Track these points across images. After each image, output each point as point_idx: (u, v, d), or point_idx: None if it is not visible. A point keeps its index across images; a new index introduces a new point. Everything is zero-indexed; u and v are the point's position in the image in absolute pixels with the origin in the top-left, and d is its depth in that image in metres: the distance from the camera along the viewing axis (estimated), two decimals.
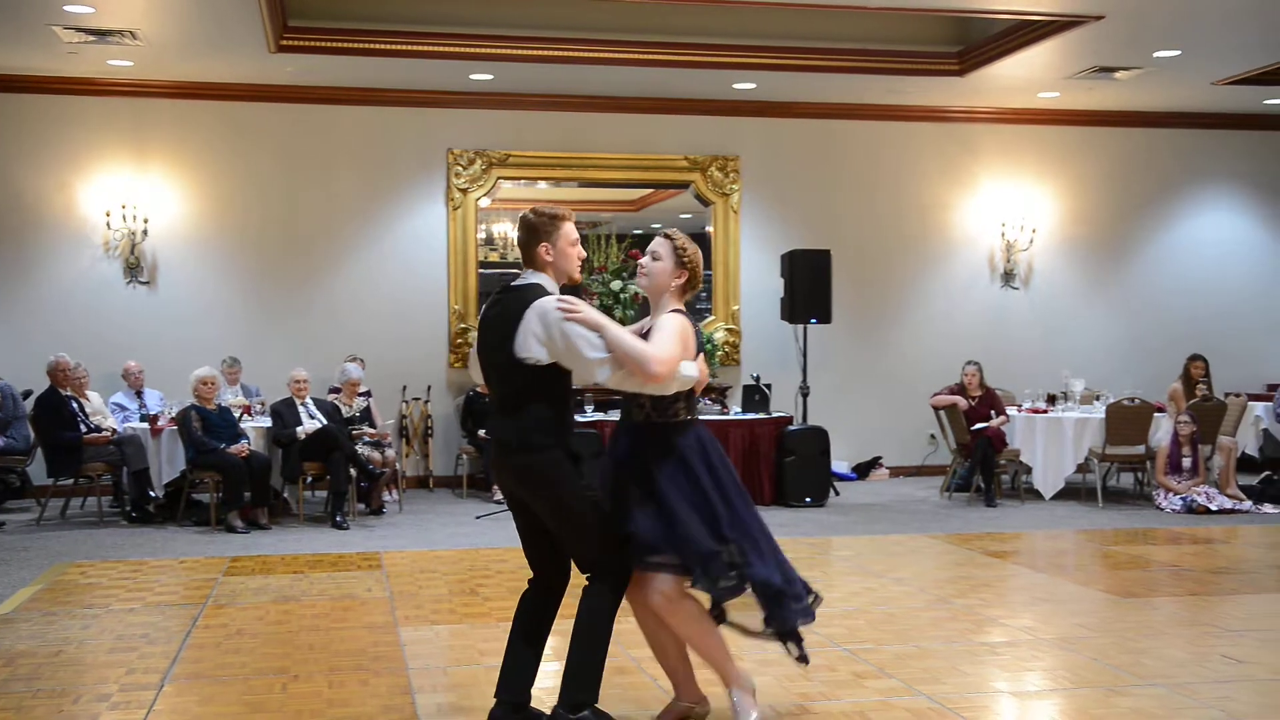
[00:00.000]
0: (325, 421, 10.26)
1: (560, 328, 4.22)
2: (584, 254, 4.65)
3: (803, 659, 4.62)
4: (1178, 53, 11.02)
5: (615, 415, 11.01)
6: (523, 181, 12.86)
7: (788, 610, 4.50)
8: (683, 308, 4.56)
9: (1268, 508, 10.82)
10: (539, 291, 4.34)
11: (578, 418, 11.08)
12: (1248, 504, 10.89)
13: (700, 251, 4.63)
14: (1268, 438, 12.42)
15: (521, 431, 4.37)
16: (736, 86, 12.15)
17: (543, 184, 13.03)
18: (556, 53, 11.00)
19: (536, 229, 4.46)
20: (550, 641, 4.60)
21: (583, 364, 4.24)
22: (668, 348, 4.29)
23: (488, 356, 4.47)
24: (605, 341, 4.23)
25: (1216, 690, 5.25)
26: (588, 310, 4.29)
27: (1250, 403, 12.12)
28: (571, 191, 13.27)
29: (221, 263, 12.11)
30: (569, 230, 4.48)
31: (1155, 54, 11.07)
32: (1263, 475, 11.89)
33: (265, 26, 9.88)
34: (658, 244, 4.57)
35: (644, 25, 10.95)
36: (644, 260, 4.58)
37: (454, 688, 5.34)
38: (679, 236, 4.58)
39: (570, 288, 4.56)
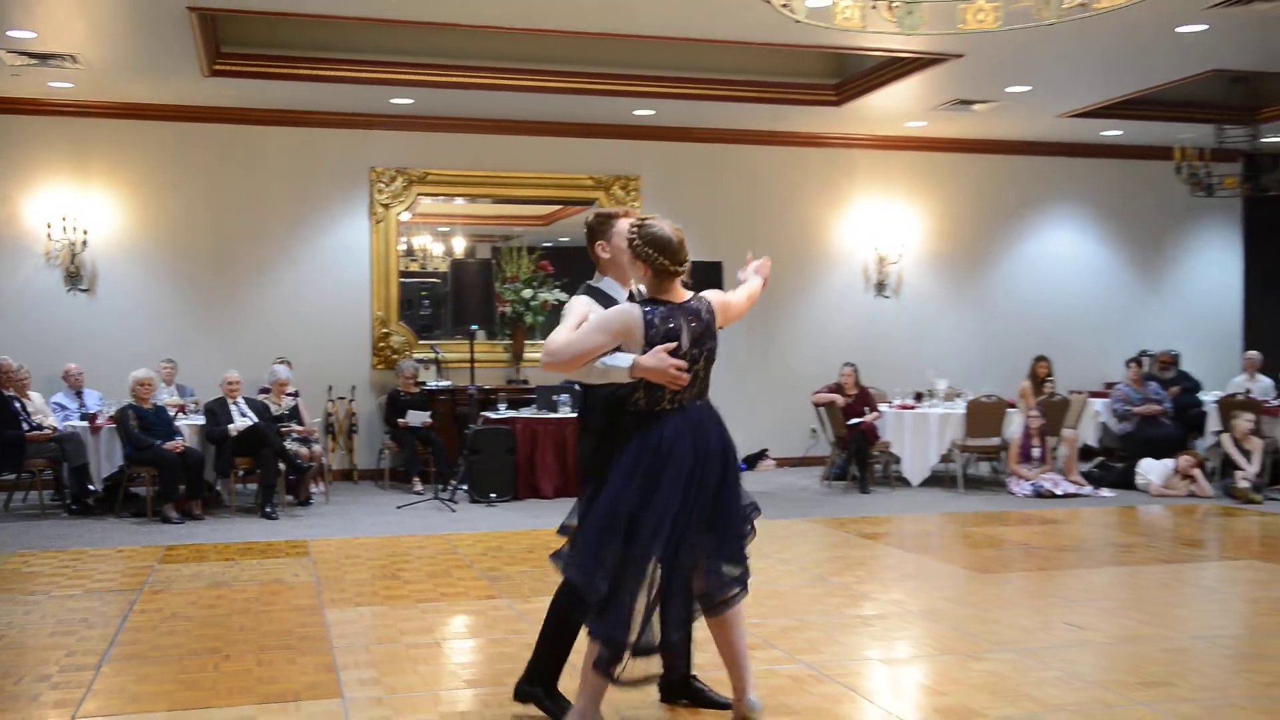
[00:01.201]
0: (256, 419, 10.08)
1: None
2: None
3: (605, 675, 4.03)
4: (1028, 88, 11.27)
5: (528, 413, 11.02)
6: (441, 197, 12.76)
7: (592, 621, 4.01)
8: (660, 297, 4.08)
9: (1105, 492, 11.11)
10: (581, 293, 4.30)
11: (491, 414, 11.03)
12: (1088, 489, 11.17)
13: (661, 236, 4.02)
14: (1105, 430, 12.74)
15: (582, 415, 4.40)
16: (637, 113, 12.17)
17: (460, 200, 12.95)
18: (472, 80, 10.92)
19: (592, 229, 4.34)
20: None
21: None
22: (554, 335, 4.05)
23: None
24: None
25: (1060, 654, 5.39)
26: (572, 308, 4.17)
27: (1090, 399, 12.42)
28: (486, 207, 13.22)
29: (158, 272, 11.83)
30: (624, 226, 4.21)
31: (1008, 89, 11.31)
32: (1096, 460, 12.19)
33: (199, 53, 9.69)
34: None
35: (553, 56, 10.91)
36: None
37: (375, 664, 5.29)
38: (636, 223, 4.09)
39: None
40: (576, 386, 5.17)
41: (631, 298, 4.32)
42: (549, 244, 13.28)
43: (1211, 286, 14.72)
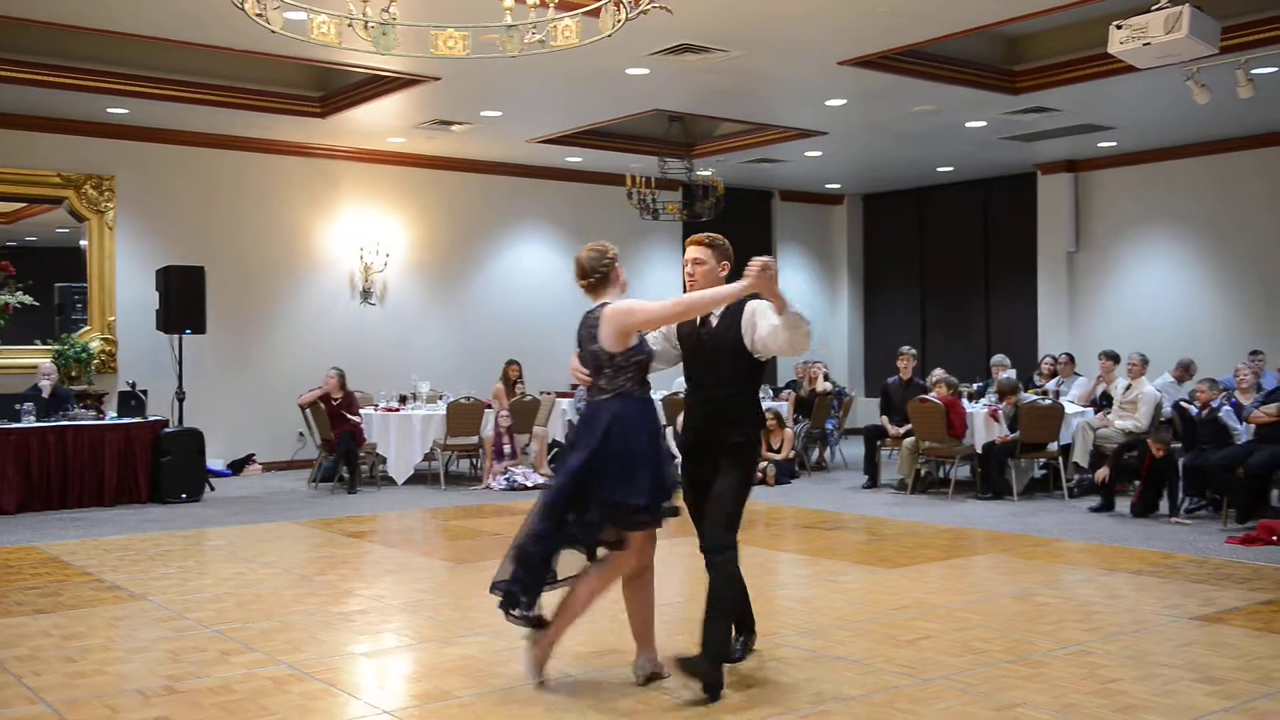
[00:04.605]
0: None
1: None
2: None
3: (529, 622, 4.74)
4: (500, 114, 11.65)
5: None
6: None
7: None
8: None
9: None
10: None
11: None
12: None
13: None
14: (571, 426, 13.40)
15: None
16: (110, 110, 11.17)
17: None
18: None
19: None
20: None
21: None
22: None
23: None
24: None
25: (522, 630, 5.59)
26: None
27: (558, 399, 13.07)
28: None
29: None
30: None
31: (482, 113, 11.63)
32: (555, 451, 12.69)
33: None
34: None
35: (15, 44, 9.74)
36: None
37: None
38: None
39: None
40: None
41: None
42: (13, 243, 11.85)
43: (656, 297, 15.97)
